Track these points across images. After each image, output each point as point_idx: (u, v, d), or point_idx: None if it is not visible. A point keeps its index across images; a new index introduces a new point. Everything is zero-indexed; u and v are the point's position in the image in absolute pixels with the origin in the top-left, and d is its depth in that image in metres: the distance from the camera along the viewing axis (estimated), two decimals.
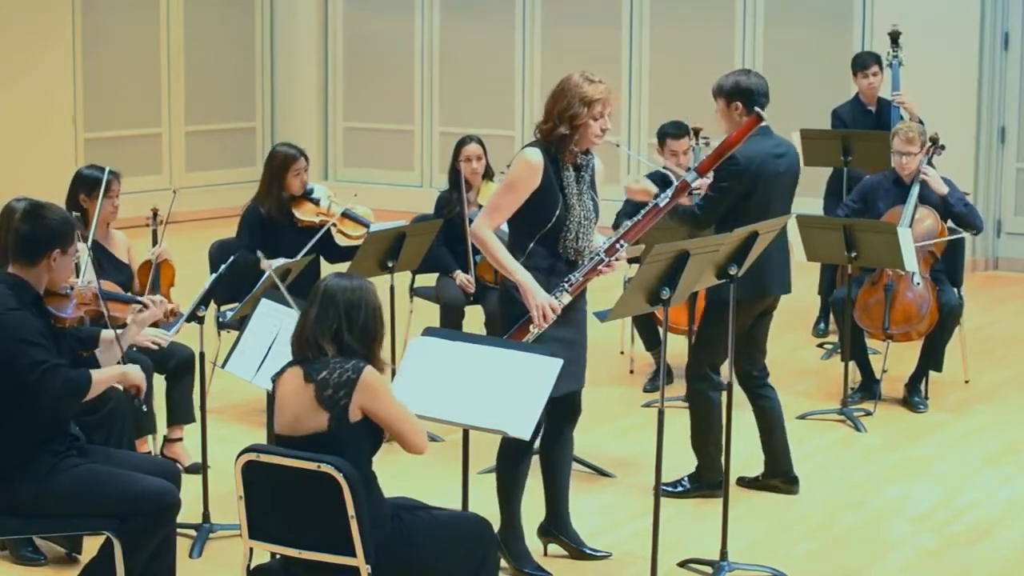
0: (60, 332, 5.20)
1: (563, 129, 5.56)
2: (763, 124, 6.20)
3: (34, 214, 5.10)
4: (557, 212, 5.57)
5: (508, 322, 5.62)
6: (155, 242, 7.02)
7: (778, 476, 6.71)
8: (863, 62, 9.67)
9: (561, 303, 5.56)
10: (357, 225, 7.78)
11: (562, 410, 5.67)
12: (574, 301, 5.62)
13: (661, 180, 6.36)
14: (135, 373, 5.15)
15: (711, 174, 6.07)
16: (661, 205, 5.75)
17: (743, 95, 6.25)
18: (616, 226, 7.88)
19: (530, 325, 5.51)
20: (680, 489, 6.61)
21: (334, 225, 7.68)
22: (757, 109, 5.91)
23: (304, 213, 7.70)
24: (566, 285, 5.59)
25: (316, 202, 7.76)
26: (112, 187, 6.76)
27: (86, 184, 6.78)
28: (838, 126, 9.60)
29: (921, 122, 9.38)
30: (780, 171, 6.36)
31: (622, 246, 5.68)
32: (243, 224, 7.73)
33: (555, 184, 5.59)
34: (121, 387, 5.28)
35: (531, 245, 5.61)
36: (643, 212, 5.76)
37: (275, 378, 4.67)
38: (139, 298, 5.48)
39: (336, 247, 7.80)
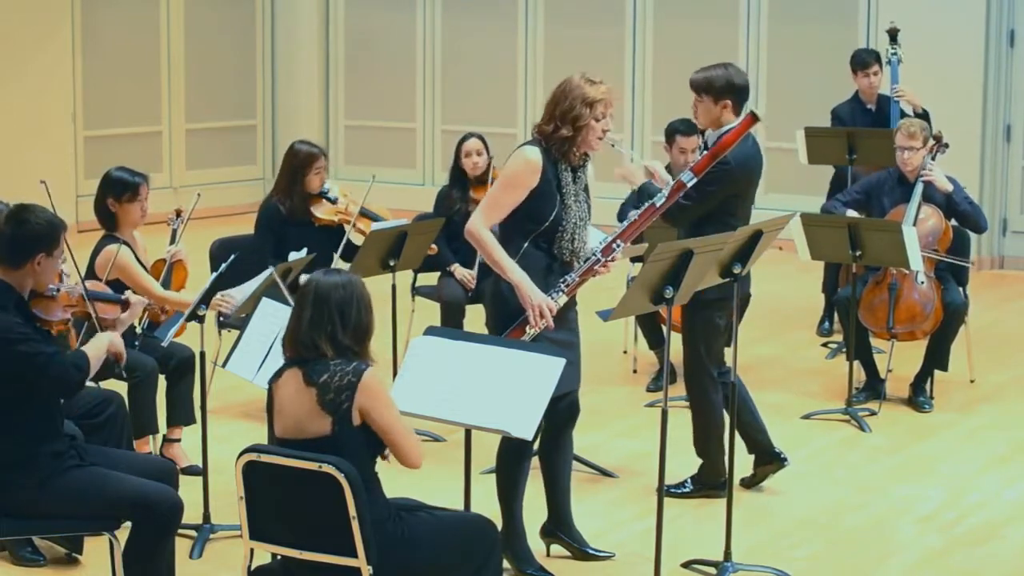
0: (48, 336, 5.16)
1: (565, 131, 5.53)
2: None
3: (18, 217, 5.03)
4: (554, 212, 5.54)
5: (500, 323, 5.58)
6: (172, 240, 6.97)
7: (765, 457, 6.61)
8: (863, 60, 9.59)
9: (557, 304, 5.52)
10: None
11: (561, 412, 5.62)
12: (565, 304, 5.59)
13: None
14: (118, 339, 5.22)
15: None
16: (658, 205, 5.73)
17: (736, 93, 6.19)
18: (621, 217, 7.90)
19: (526, 326, 5.48)
20: (684, 490, 6.57)
21: (354, 225, 7.65)
22: (754, 110, 5.84)
23: (323, 212, 7.71)
24: (562, 285, 5.57)
25: (333, 201, 7.73)
26: (141, 191, 6.70)
27: (115, 187, 6.68)
28: (838, 126, 9.53)
29: (926, 111, 9.34)
30: (760, 167, 6.36)
31: (618, 246, 5.65)
32: (262, 224, 7.70)
33: (553, 184, 5.56)
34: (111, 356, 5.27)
35: (525, 245, 5.58)
36: (639, 212, 5.74)
37: (272, 382, 4.62)
38: (122, 297, 5.40)
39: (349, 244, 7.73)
